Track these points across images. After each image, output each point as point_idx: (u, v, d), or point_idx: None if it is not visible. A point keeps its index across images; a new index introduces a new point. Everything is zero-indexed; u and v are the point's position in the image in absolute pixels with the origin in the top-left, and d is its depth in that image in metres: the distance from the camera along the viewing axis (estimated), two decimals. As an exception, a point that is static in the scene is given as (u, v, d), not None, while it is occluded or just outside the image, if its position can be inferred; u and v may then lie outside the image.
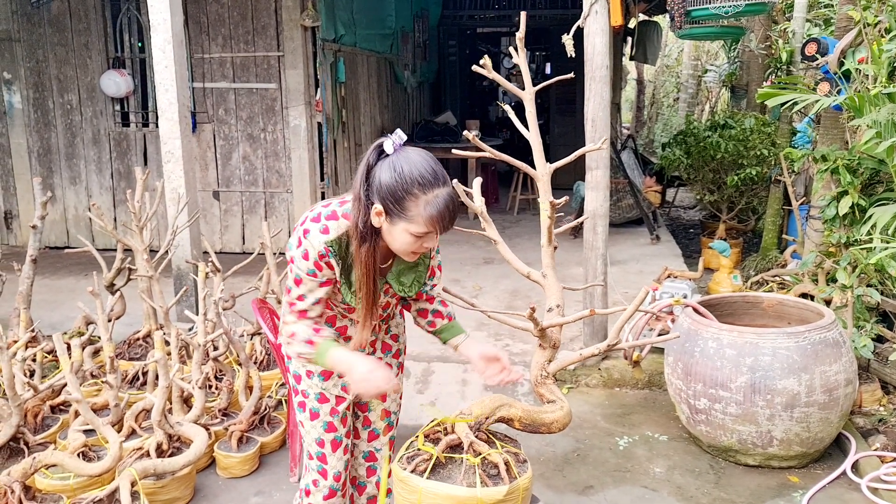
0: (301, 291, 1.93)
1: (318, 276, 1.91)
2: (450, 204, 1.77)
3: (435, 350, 4.52)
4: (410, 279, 2.05)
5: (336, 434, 2.13)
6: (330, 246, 1.88)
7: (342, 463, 2.16)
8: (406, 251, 1.86)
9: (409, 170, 1.75)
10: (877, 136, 3.85)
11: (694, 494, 3.14)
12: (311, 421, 2.12)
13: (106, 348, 3.43)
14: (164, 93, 4.39)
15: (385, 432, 2.28)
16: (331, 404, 2.10)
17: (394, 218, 1.78)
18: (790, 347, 3.13)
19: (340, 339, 2.09)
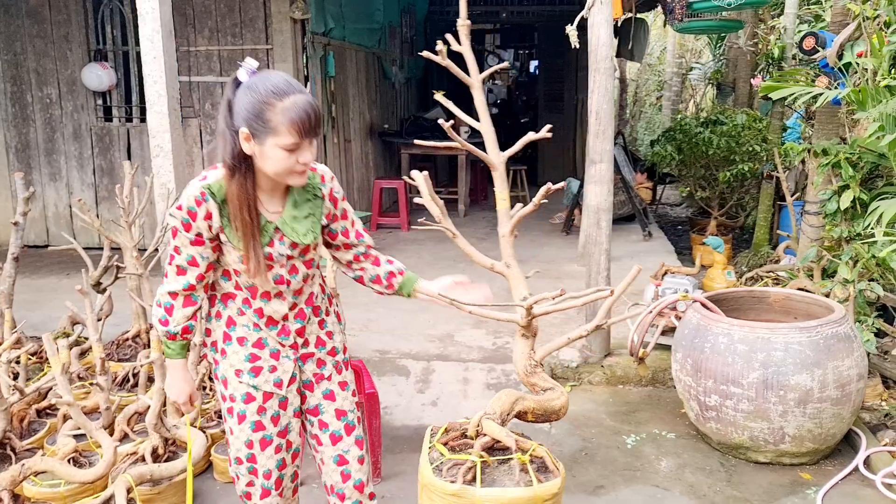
0: (176, 243, 1.92)
1: (191, 228, 1.88)
2: (308, 108, 1.80)
3: (434, 349, 4.43)
4: (305, 227, 1.98)
5: (265, 433, 2.05)
6: (206, 189, 1.87)
7: (273, 461, 2.08)
8: (284, 171, 1.84)
9: (264, 84, 1.80)
10: (880, 129, 3.82)
11: (706, 493, 3.07)
12: (239, 424, 2.04)
13: (96, 349, 3.29)
14: (153, 85, 4.24)
15: (348, 433, 2.16)
16: (258, 402, 2.03)
17: (261, 137, 1.80)
18: (803, 342, 3.08)
19: (261, 321, 2.00)
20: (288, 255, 1.96)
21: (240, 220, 1.86)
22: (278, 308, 2.00)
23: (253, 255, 1.89)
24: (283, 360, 2.04)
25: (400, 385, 4.01)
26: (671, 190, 10.42)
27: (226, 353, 2.02)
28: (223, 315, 2.03)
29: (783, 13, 7.33)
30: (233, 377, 2.02)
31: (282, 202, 1.97)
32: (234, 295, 2.00)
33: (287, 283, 1.99)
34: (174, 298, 1.96)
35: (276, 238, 1.95)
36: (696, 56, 14.37)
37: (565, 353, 4.28)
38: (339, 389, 2.15)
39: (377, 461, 3.15)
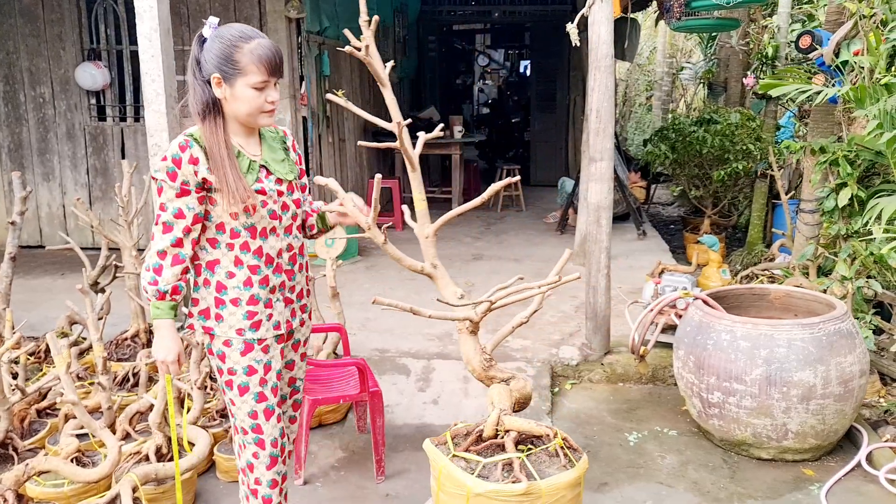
0: (162, 199, 2.03)
1: (176, 176, 1.99)
2: (272, 48, 2.01)
3: (434, 347, 4.43)
4: (285, 167, 2.17)
5: (268, 403, 2.17)
6: (189, 136, 2.02)
7: (277, 430, 2.20)
8: (255, 110, 2.02)
9: (229, 31, 2.00)
10: (878, 127, 3.85)
11: (710, 489, 3.08)
12: (242, 396, 2.15)
13: (97, 349, 3.27)
14: (151, 83, 4.21)
15: (290, 396, 2.37)
16: (259, 374, 2.14)
17: (231, 79, 1.98)
18: (805, 339, 3.10)
19: (260, 261, 2.11)
20: (278, 190, 2.12)
21: (216, 156, 1.99)
22: (275, 244, 2.13)
23: (237, 183, 2.00)
24: (276, 304, 2.15)
25: (401, 384, 4.00)
26: (663, 189, 10.46)
27: (222, 318, 2.10)
28: (211, 282, 2.11)
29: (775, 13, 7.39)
30: (235, 337, 2.10)
31: (258, 146, 2.14)
32: (219, 260, 2.09)
33: (279, 218, 2.12)
34: (162, 258, 2.04)
35: (263, 175, 2.11)
36: (687, 56, 14.44)
37: (565, 352, 4.29)
38: (299, 359, 2.34)
39: (381, 460, 3.14)
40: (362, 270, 6.21)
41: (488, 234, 7.71)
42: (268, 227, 2.10)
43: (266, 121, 2.07)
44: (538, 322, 4.85)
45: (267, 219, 2.09)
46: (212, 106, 2.02)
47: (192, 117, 2.05)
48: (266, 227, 2.10)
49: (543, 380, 4.01)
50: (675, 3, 4.74)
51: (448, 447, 2.44)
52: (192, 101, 2.04)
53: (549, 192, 9.67)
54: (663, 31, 14.65)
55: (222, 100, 2.02)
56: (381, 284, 5.78)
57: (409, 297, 5.41)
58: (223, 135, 2.02)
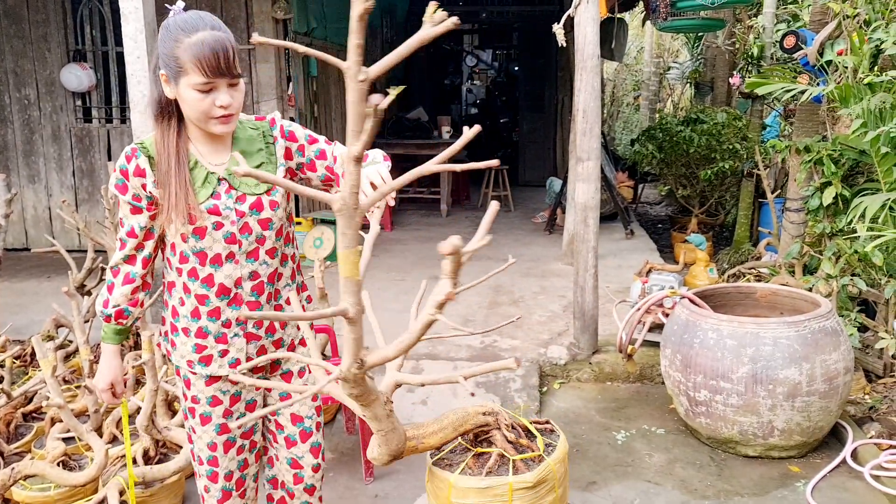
0: (121, 214, 1.87)
1: (126, 189, 1.81)
2: (214, 44, 1.69)
3: (422, 347, 4.43)
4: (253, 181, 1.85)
5: (229, 435, 2.00)
6: (138, 145, 1.81)
7: (235, 463, 2.03)
8: (202, 115, 1.74)
9: (175, 21, 1.73)
10: (862, 126, 3.89)
11: (698, 487, 3.10)
12: (203, 426, 1.98)
13: (83, 351, 3.25)
14: (137, 85, 4.19)
15: (303, 439, 2.08)
16: (224, 406, 1.97)
17: (175, 77, 1.72)
18: (791, 337, 3.12)
19: (210, 291, 1.87)
20: (237, 209, 1.84)
21: (163, 165, 1.78)
22: (231, 272, 1.87)
23: (180, 200, 1.76)
24: (234, 340, 1.92)
25: (390, 384, 4.00)
26: (650, 189, 10.51)
27: (175, 345, 1.95)
28: (169, 304, 1.96)
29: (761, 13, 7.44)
30: (185, 368, 1.94)
31: (226, 153, 1.86)
32: (174, 283, 1.91)
33: (238, 242, 1.85)
34: (115, 275, 1.91)
35: (223, 189, 1.83)
36: (674, 56, 14.51)
37: (554, 351, 4.30)
38: (296, 394, 2.04)
39: (370, 461, 3.14)
40: (351, 271, 6.19)
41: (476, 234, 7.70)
42: (223, 252, 1.85)
43: (220, 129, 1.77)
44: (527, 322, 4.87)
45: (221, 243, 1.83)
46: (165, 106, 1.78)
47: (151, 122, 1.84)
48: (221, 253, 1.85)
49: (532, 379, 4.02)
50: (662, 4, 4.77)
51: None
52: (148, 100, 1.83)
53: (537, 193, 9.69)
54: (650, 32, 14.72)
55: (173, 98, 1.78)
56: (369, 286, 5.76)
57: (398, 297, 5.41)
58: (176, 140, 1.78)
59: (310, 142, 1.95)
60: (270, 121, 1.93)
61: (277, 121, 1.94)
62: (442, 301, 1.23)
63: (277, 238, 1.93)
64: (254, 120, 1.92)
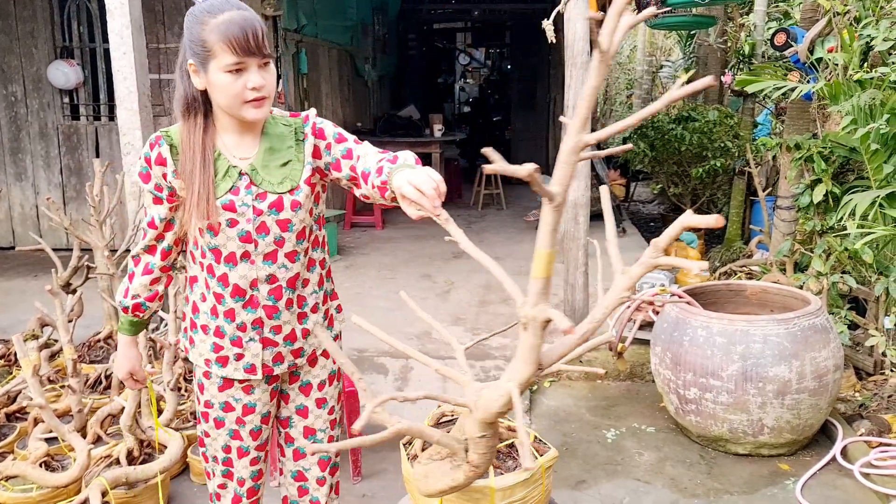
0: (145, 203, 1.84)
1: (150, 178, 1.77)
2: (243, 22, 1.64)
3: (413, 346, 4.40)
4: (281, 174, 1.78)
5: (242, 444, 1.95)
6: (163, 133, 1.76)
7: (248, 472, 1.98)
8: (235, 100, 1.68)
9: (199, 7, 1.69)
10: (852, 123, 3.88)
11: (688, 486, 3.08)
12: (217, 429, 1.94)
13: (67, 351, 3.20)
14: (123, 81, 4.16)
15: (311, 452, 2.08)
16: (237, 413, 1.91)
17: (204, 64, 1.66)
18: (780, 334, 3.11)
19: (225, 291, 1.81)
20: (255, 207, 1.76)
21: (187, 158, 1.73)
22: (246, 273, 1.78)
23: (202, 195, 1.71)
24: (249, 345, 1.84)
25: (378, 383, 3.97)
26: (643, 188, 10.51)
27: (194, 342, 1.91)
28: (190, 300, 1.92)
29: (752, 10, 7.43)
30: (202, 367, 1.90)
31: (254, 147, 1.79)
32: (196, 278, 1.86)
33: (254, 242, 1.77)
34: (136, 264, 1.88)
35: (243, 185, 1.76)
36: (667, 54, 14.50)
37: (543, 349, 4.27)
38: (314, 406, 1.99)
39: (357, 460, 3.11)
40: (341, 270, 6.17)
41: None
42: (237, 251, 1.77)
43: (253, 113, 1.70)
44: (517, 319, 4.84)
45: (236, 241, 1.76)
46: (192, 102, 1.73)
47: (176, 118, 1.79)
48: (235, 252, 1.77)
49: (522, 378, 4.00)
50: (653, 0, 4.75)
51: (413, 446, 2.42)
52: (175, 97, 1.77)
53: (529, 191, 9.67)
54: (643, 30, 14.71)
55: (208, 91, 1.72)
56: (360, 283, 5.74)
57: (388, 295, 5.39)
58: (202, 137, 1.73)
59: (337, 140, 1.85)
60: (304, 118, 1.85)
61: (311, 118, 1.85)
62: (641, 273, 1.15)
63: (299, 241, 1.82)
64: (287, 116, 1.85)
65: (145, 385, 2.06)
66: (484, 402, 1.34)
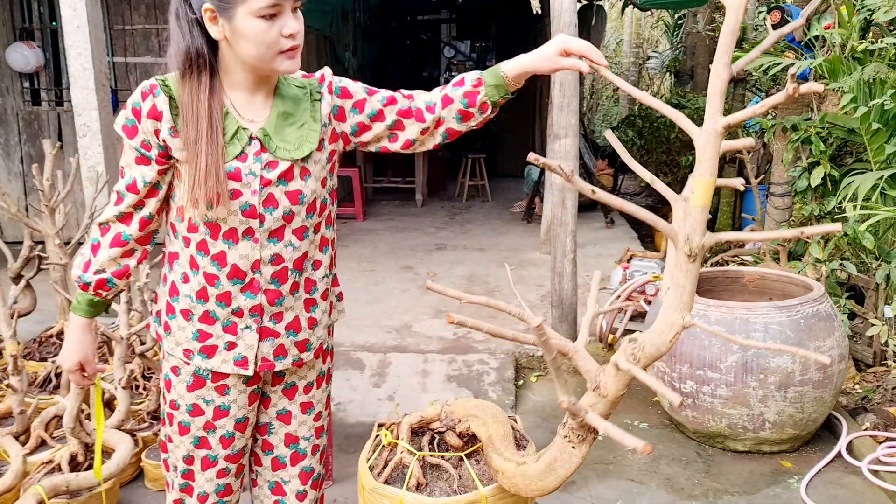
0: (122, 162, 1.56)
1: (136, 132, 1.50)
2: None
3: (391, 340, 4.16)
4: (296, 138, 1.56)
5: (209, 452, 1.69)
6: (160, 82, 1.51)
7: (213, 486, 1.71)
8: (268, 50, 1.45)
9: None
10: (853, 101, 3.68)
11: (684, 486, 2.86)
12: (180, 436, 1.68)
13: (8, 346, 2.93)
14: (77, 57, 3.88)
15: (293, 462, 1.77)
16: (206, 417, 1.65)
17: (229, 9, 1.42)
18: (783, 322, 2.89)
19: (221, 272, 1.56)
20: (263, 177, 1.52)
21: (192, 116, 1.48)
22: (248, 253, 1.54)
23: (211, 162, 1.46)
24: (244, 333, 1.60)
25: (354, 380, 3.73)
26: (630, 181, 10.32)
27: (170, 329, 1.64)
28: (168, 279, 1.64)
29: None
30: (180, 358, 1.63)
31: (265, 108, 1.56)
32: (178, 255, 1.60)
33: (260, 218, 1.53)
34: (103, 234, 1.59)
35: (252, 151, 1.52)
36: (653, 45, 14.35)
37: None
38: (298, 411, 1.75)
39: (328, 462, 2.87)
40: (318, 262, 5.91)
41: (452, 224, 7.46)
42: (239, 227, 1.52)
43: (287, 65, 1.48)
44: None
45: (238, 216, 1.51)
46: (197, 57, 1.48)
47: (179, 67, 1.51)
48: (237, 228, 1.52)
49: (507, 372, 3.77)
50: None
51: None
52: (172, 52, 1.50)
53: (515, 183, 9.46)
54: (629, 22, 14.55)
55: (222, 43, 1.48)
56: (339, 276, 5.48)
57: (368, 287, 5.14)
58: (209, 100, 1.48)
59: (370, 93, 1.66)
60: (320, 77, 1.64)
61: (327, 77, 1.64)
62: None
63: (309, 215, 1.59)
64: (300, 77, 1.62)
65: (93, 382, 1.76)
66: (653, 337, 1.48)
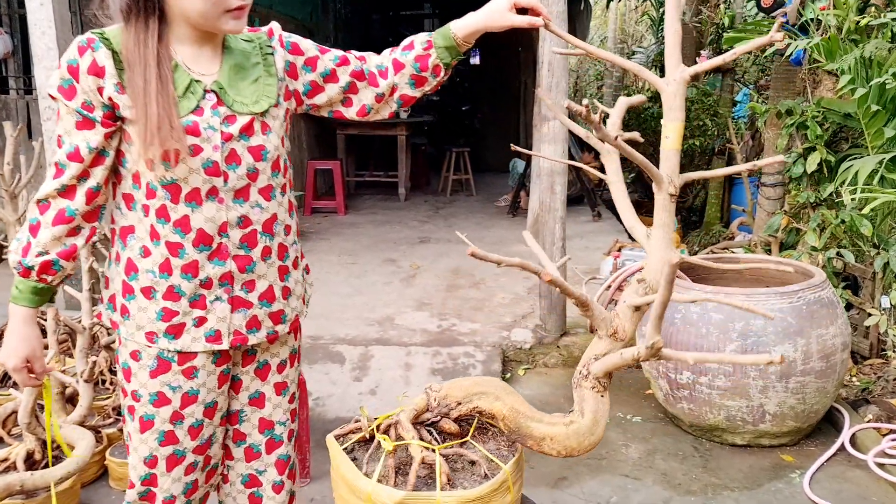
0: (60, 130, 1.42)
1: (75, 93, 1.36)
2: None
3: (373, 333, 3.99)
4: (253, 92, 1.47)
5: (176, 447, 1.53)
6: (97, 35, 1.37)
7: (180, 485, 1.56)
8: (214, 7, 1.35)
9: None
10: (850, 83, 3.56)
11: (682, 481, 2.72)
12: (142, 434, 1.52)
13: (-38, 337, 2.74)
14: (41, 36, 3.68)
15: (269, 450, 1.65)
16: (172, 406, 1.50)
17: None
18: (784, 309, 2.76)
19: (185, 238, 1.43)
20: (223, 132, 1.42)
21: (138, 66, 1.35)
22: (214, 215, 1.43)
23: (162, 113, 1.34)
24: (214, 305, 1.47)
25: (334, 373, 3.56)
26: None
27: (128, 313, 1.48)
28: (121, 258, 1.48)
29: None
30: (144, 347, 1.48)
31: (215, 61, 1.46)
32: (134, 228, 1.46)
33: (224, 175, 1.42)
34: (42, 211, 1.42)
35: (208, 105, 1.42)
36: (638, 41, 14.28)
37: (518, 334, 3.90)
38: (272, 393, 1.63)
39: (305, 459, 2.70)
40: (298, 255, 5.73)
41: (436, 218, 7.30)
42: (202, 187, 1.41)
43: (233, 25, 1.39)
44: (488, 304, 4.47)
45: (200, 174, 1.40)
46: (143, 1, 1.36)
47: (114, 18, 1.40)
48: (200, 188, 1.41)
49: (494, 365, 3.62)
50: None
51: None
52: None
53: (499, 178, 9.34)
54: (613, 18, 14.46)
55: None
56: (318, 269, 5.31)
57: (349, 280, 4.97)
58: (157, 47, 1.36)
59: (322, 52, 1.59)
60: (268, 31, 1.55)
61: (276, 31, 1.56)
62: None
63: (275, 173, 1.50)
64: (246, 31, 1.52)
65: (41, 382, 1.56)
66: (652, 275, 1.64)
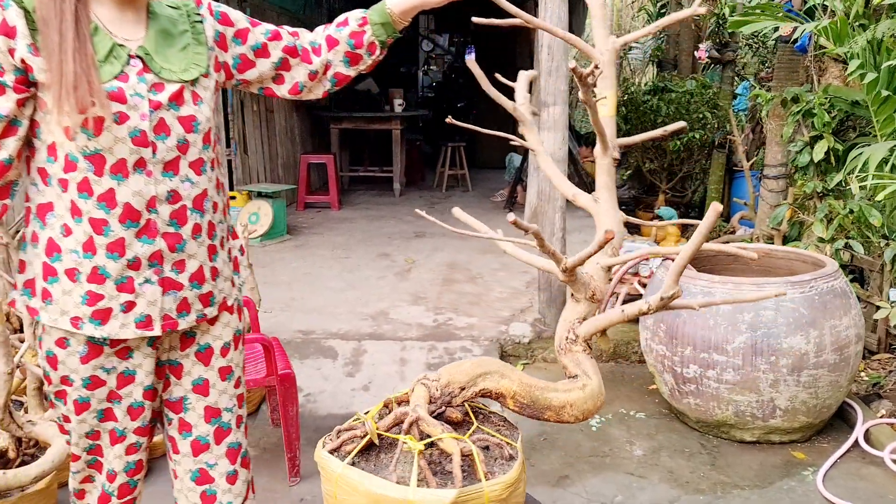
0: None
1: None
2: None
3: (366, 327, 3.87)
4: (182, 60, 1.40)
5: (116, 425, 1.47)
6: None
7: (122, 463, 1.50)
8: None
9: None
10: (860, 67, 3.45)
11: (690, 479, 2.60)
12: (79, 415, 1.44)
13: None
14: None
15: (217, 440, 1.55)
16: (108, 387, 1.43)
17: None
18: (796, 299, 2.64)
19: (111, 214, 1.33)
20: (151, 99, 1.34)
21: (51, 24, 1.25)
22: (142, 188, 1.33)
23: (80, 72, 1.24)
24: (144, 288, 1.37)
25: (326, 368, 3.43)
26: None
27: (50, 297, 1.37)
28: (40, 238, 1.37)
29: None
30: (66, 329, 1.37)
31: (139, 28, 1.38)
32: (53, 204, 1.35)
33: (152, 146, 1.33)
34: None
35: (133, 71, 1.33)
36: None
37: (516, 329, 3.78)
38: (217, 379, 1.54)
39: (295, 457, 2.57)
40: (290, 249, 5.60)
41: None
42: (129, 158, 1.32)
43: None
44: (486, 298, 4.34)
45: (127, 143, 1.31)
46: None
47: None
48: (126, 159, 1.31)
49: (492, 360, 3.49)
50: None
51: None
52: None
53: (495, 174, 9.24)
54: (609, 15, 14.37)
55: None
56: (311, 264, 5.18)
57: (342, 275, 4.84)
58: (74, 1, 1.27)
59: (253, 24, 1.53)
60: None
61: (205, 1, 1.50)
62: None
63: (206, 146, 1.43)
64: None
65: None
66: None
